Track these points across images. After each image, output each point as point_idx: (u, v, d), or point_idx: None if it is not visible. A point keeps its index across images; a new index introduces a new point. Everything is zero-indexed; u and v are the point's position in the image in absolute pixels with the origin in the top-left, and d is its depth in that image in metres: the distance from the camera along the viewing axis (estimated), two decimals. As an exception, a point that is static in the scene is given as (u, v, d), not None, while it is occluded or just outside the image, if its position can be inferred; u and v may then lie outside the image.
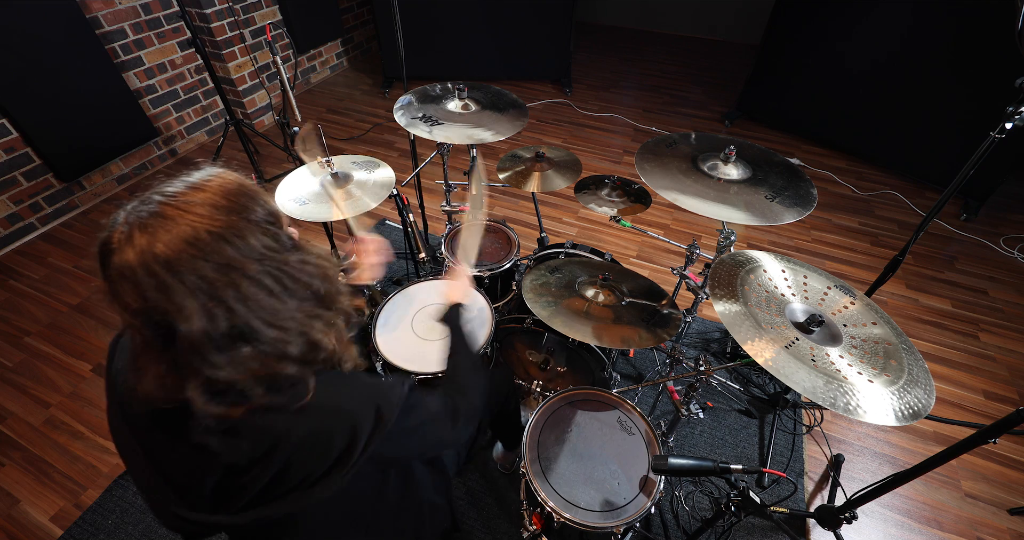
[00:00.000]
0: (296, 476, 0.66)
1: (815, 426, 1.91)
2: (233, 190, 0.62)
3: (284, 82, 2.05)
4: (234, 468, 0.64)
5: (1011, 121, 1.26)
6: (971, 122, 2.70)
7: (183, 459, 0.66)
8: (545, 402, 1.38)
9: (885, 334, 1.09)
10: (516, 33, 3.84)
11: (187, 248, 0.56)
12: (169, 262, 0.55)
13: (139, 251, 0.55)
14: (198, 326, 0.56)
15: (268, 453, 0.64)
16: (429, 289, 1.69)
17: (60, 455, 1.81)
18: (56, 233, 2.74)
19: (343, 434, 0.68)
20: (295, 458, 0.65)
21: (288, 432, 0.65)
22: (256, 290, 0.60)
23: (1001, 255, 2.69)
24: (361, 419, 0.69)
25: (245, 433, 0.64)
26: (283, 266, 0.64)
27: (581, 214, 2.92)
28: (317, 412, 0.67)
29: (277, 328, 0.62)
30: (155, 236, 0.55)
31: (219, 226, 0.58)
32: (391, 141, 3.56)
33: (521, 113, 1.79)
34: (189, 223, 0.57)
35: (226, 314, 0.58)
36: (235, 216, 0.60)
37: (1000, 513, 1.70)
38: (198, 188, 0.61)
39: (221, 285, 0.57)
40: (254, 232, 0.61)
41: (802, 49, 3.21)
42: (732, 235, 1.54)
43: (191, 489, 0.67)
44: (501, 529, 1.60)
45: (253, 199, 0.64)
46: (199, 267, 0.56)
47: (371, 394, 0.73)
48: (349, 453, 0.67)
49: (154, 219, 0.56)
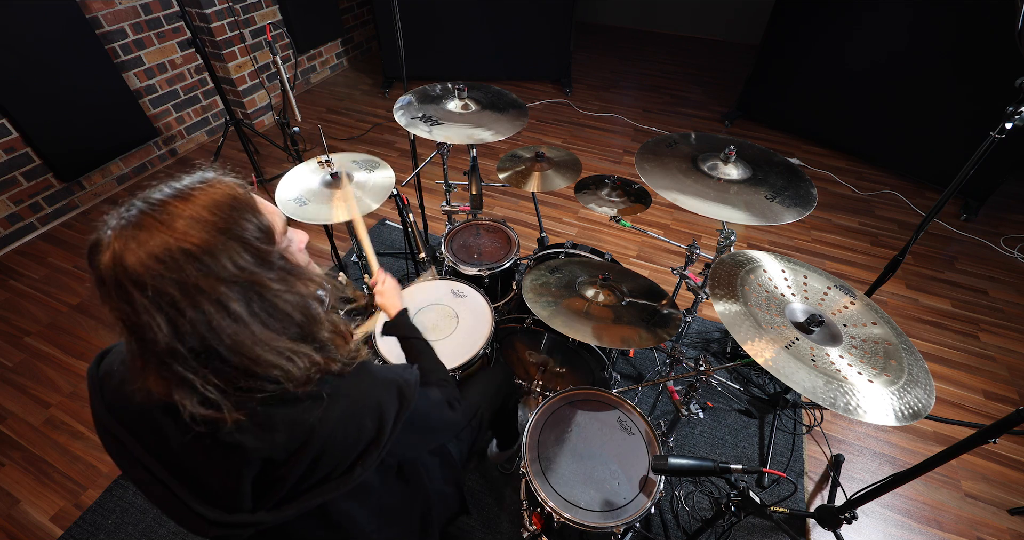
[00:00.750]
0: (331, 462, 0.67)
1: (815, 426, 1.91)
2: (221, 202, 0.59)
3: (284, 82, 2.05)
4: (272, 462, 0.64)
5: (1011, 121, 1.26)
6: (971, 122, 2.70)
7: (215, 461, 0.64)
8: (545, 402, 1.38)
9: (885, 334, 1.09)
10: (516, 33, 3.84)
11: (155, 265, 0.54)
12: (136, 276, 0.54)
13: (111, 259, 0.54)
14: (163, 340, 0.55)
15: (304, 444, 0.64)
16: (429, 289, 1.69)
17: (60, 455, 1.81)
18: (56, 233, 2.74)
19: (372, 417, 0.70)
20: (329, 444, 0.66)
21: (321, 421, 0.65)
22: (220, 316, 0.57)
23: (1001, 255, 2.69)
24: (386, 401, 0.72)
25: (279, 427, 0.64)
26: (260, 289, 0.60)
27: (581, 214, 2.92)
28: (345, 399, 0.69)
29: (239, 355, 0.59)
30: (127, 247, 0.54)
31: (194, 243, 0.56)
32: (391, 141, 3.56)
33: (521, 113, 1.79)
34: (163, 238, 0.55)
35: (192, 332, 0.56)
36: (215, 233, 0.57)
37: (1000, 513, 1.70)
38: (184, 198, 0.58)
39: (184, 305, 0.55)
40: (235, 249, 0.58)
41: (802, 49, 3.21)
42: (732, 235, 1.54)
43: (229, 491, 0.65)
44: (501, 529, 1.60)
45: (242, 212, 0.60)
46: (164, 285, 0.54)
47: (391, 377, 0.76)
48: (380, 435, 0.70)
49: (131, 229, 0.55)
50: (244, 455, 0.63)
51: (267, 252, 0.62)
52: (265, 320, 0.61)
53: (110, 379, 0.71)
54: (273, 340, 0.61)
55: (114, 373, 0.72)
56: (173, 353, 0.56)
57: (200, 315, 0.56)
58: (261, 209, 0.64)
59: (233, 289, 0.57)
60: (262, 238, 0.61)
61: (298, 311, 0.64)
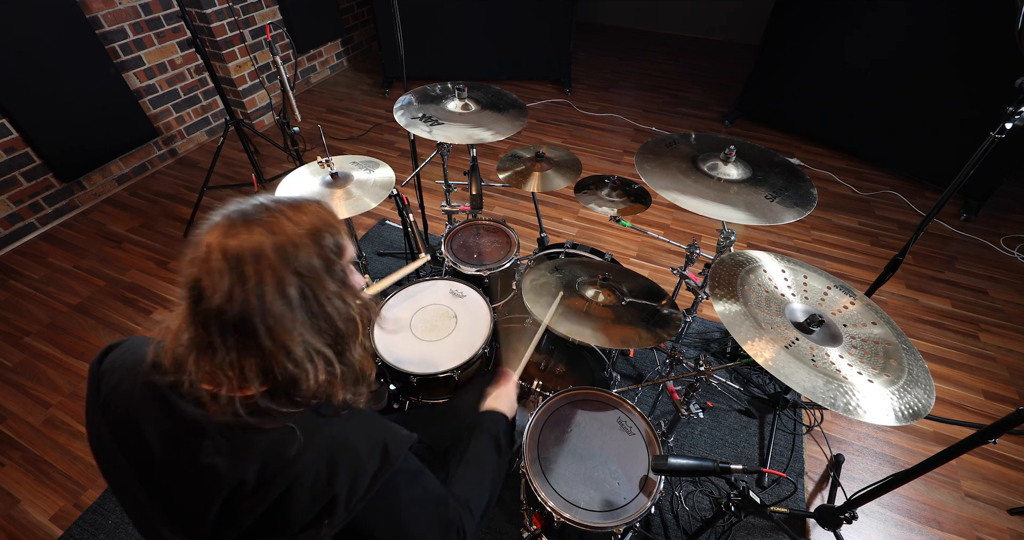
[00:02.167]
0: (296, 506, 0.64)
1: (815, 426, 1.91)
2: (321, 214, 0.69)
3: (284, 82, 2.05)
4: (240, 491, 0.63)
5: (1011, 121, 1.26)
6: (971, 122, 2.70)
7: (188, 482, 0.65)
8: (545, 402, 1.38)
9: (885, 334, 1.09)
10: (516, 33, 3.84)
11: (250, 247, 0.62)
12: (226, 248, 0.62)
13: (216, 240, 0.62)
14: (216, 300, 0.61)
15: (275, 476, 0.63)
16: (429, 289, 1.69)
17: (60, 455, 1.81)
18: (56, 233, 2.74)
19: (347, 468, 0.66)
20: (298, 484, 0.64)
21: (297, 457, 0.64)
22: (275, 295, 0.63)
23: (1001, 255, 2.69)
24: (366, 455, 0.69)
25: (255, 455, 0.64)
26: (317, 288, 0.67)
27: (581, 214, 2.92)
28: (326, 439, 0.67)
29: (274, 338, 0.63)
30: (233, 233, 0.62)
31: (284, 236, 0.64)
32: (391, 141, 3.56)
33: (521, 113, 1.79)
34: (264, 230, 0.63)
35: (243, 301, 0.61)
36: (305, 233, 0.66)
37: (1000, 513, 1.70)
38: (296, 207, 0.68)
39: (250, 274, 0.62)
40: (312, 250, 0.66)
41: (802, 49, 3.21)
42: (732, 235, 1.54)
43: (193, 515, 0.65)
44: (501, 529, 1.60)
45: (330, 228, 0.69)
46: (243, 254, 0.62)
47: (379, 431, 0.73)
48: (351, 491, 0.66)
49: (242, 219, 0.64)
50: (217, 479, 0.63)
51: (334, 262, 0.69)
52: (310, 314, 0.66)
53: (110, 377, 0.72)
54: (308, 335, 0.66)
55: (115, 371, 0.72)
56: (220, 314, 0.61)
57: (258, 287, 0.61)
58: (343, 233, 0.72)
59: (295, 279, 0.64)
60: (335, 251, 0.70)
61: (341, 319, 0.70)
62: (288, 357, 0.64)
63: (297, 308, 0.65)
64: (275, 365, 0.64)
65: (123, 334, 2.23)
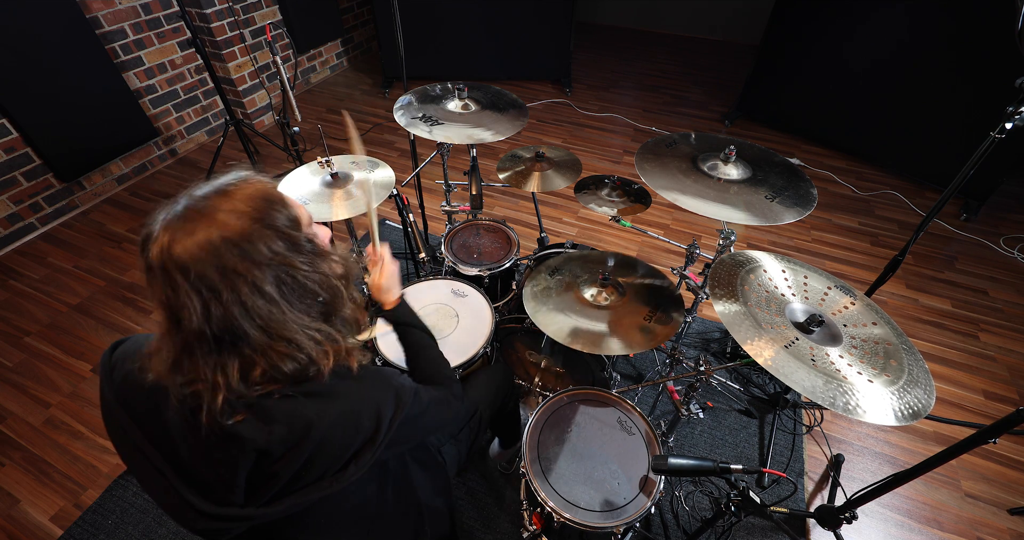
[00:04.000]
0: (326, 459, 0.69)
1: (815, 426, 1.91)
2: (255, 196, 0.65)
3: (284, 82, 2.05)
4: (267, 455, 0.66)
5: (1011, 121, 1.26)
6: (971, 122, 2.70)
7: (212, 452, 0.66)
8: (545, 402, 1.38)
9: (885, 334, 1.09)
10: (516, 33, 3.84)
11: (198, 252, 0.59)
12: (181, 263, 0.59)
13: (160, 249, 0.60)
14: (196, 322, 0.60)
15: (302, 438, 0.66)
16: (431, 288, 1.69)
17: (60, 455, 1.81)
18: (56, 233, 2.74)
19: (369, 416, 0.73)
20: (326, 441, 0.68)
21: (320, 417, 0.68)
22: (255, 296, 0.62)
23: (1001, 255, 2.69)
24: (383, 402, 0.75)
25: (279, 418, 0.66)
26: (290, 270, 0.65)
27: (581, 214, 2.92)
28: (345, 399, 0.72)
29: (270, 333, 0.64)
30: (175, 238, 0.60)
31: (233, 232, 0.61)
32: (391, 141, 3.56)
33: (521, 113, 1.79)
34: (207, 229, 0.60)
35: (222, 316, 0.61)
36: (251, 222, 0.63)
37: (1000, 513, 1.70)
38: (223, 193, 0.64)
39: (222, 287, 0.60)
40: (269, 236, 0.64)
41: (802, 49, 3.21)
42: (732, 235, 1.54)
43: (222, 483, 0.67)
44: (501, 529, 1.60)
45: (274, 204, 0.66)
46: (205, 269, 0.59)
47: (388, 380, 0.79)
48: (375, 434, 0.73)
49: (178, 222, 0.61)
50: (241, 446, 0.65)
51: (296, 237, 0.67)
52: (294, 300, 0.66)
53: (121, 367, 0.73)
54: (300, 319, 0.67)
55: (126, 361, 0.73)
56: (200, 336, 0.61)
57: (235, 296, 0.60)
58: (289, 202, 0.70)
59: (267, 272, 0.63)
60: (292, 226, 0.67)
61: (323, 289, 0.70)
62: (291, 342, 0.65)
63: (280, 300, 0.64)
64: (279, 361, 0.65)
65: (123, 334, 2.23)
